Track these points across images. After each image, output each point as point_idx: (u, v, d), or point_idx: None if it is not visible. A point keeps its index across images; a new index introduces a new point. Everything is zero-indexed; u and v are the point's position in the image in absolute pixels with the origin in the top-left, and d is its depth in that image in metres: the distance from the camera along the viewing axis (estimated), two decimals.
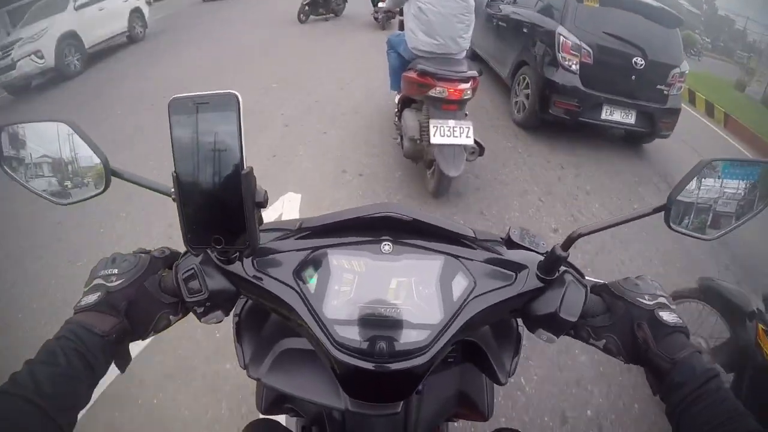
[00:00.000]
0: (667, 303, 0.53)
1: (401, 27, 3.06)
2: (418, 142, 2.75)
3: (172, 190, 0.44)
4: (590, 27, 3.93)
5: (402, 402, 0.57)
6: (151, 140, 3.95)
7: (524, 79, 4.34)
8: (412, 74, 2.69)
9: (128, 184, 0.54)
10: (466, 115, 2.71)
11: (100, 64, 7.07)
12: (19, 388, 0.39)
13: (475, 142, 2.68)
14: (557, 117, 4.01)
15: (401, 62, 3.01)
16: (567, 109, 3.95)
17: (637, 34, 3.95)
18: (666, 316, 0.51)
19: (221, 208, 0.44)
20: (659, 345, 0.50)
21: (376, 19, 8.30)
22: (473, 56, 6.23)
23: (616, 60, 3.94)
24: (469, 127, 2.60)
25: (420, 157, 2.90)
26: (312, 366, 0.60)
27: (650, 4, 4.12)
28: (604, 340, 0.54)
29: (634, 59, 3.89)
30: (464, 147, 2.64)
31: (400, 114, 3.09)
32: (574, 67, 3.89)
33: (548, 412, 1.82)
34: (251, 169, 0.43)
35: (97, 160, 0.52)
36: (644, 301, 0.53)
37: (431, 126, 2.57)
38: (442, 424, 0.77)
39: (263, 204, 0.47)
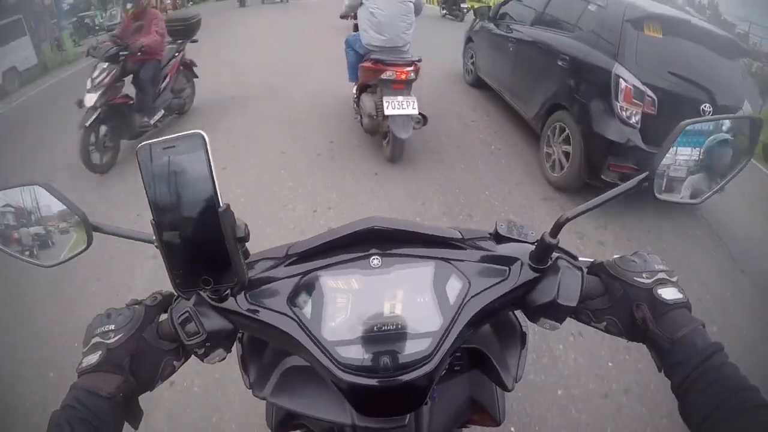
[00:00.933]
0: (666, 278, 0.52)
1: (356, 29, 3.87)
2: (374, 117, 3.49)
3: (154, 237, 0.44)
4: (653, 66, 2.99)
5: (410, 414, 0.56)
6: None
7: (561, 129, 3.38)
8: (368, 63, 3.37)
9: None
10: (410, 93, 3.33)
11: None
12: None
13: (420, 114, 3.37)
14: (610, 183, 3.05)
15: (357, 57, 3.69)
16: (623, 173, 3.00)
17: (703, 73, 3.02)
18: (665, 293, 0.50)
19: (204, 248, 0.44)
20: (659, 324, 0.48)
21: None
22: (481, 84, 5.31)
23: (683, 108, 2.94)
24: (414, 101, 3.27)
25: (377, 130, 3.65)
26: (317, 382, 0.57)
27: (715, 33, 3.21)
28: (605, 323, 0.53)
29: (703, 106, 2.93)
30: (411, 117, 3.32)
31: (358, 99, 3.80)
32: (634, 119, 2.93)
33: None
34: (228, 206, 0.44)
35: (77, 218, 0.52)
36: (642, 280, 0.51)
37: (384, 102, 3.23)
38: (454, 431, 0.76)
39: (245, 238, 0.47)
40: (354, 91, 3.92)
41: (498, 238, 0.59)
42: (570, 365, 2.02)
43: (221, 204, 0.43)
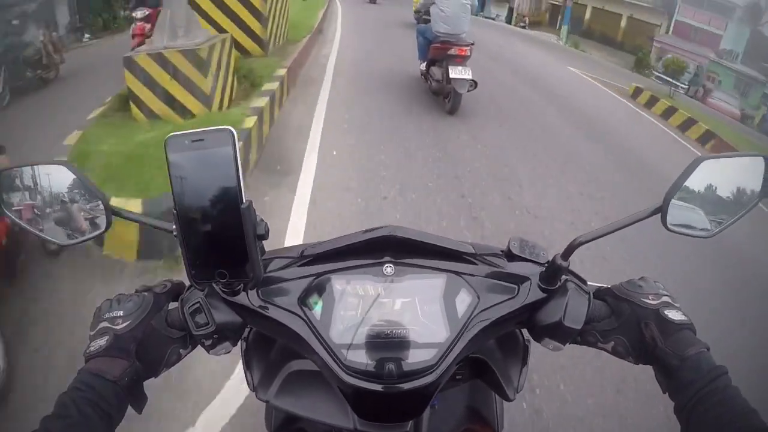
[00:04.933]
0: (671, 302, 0.53)
1: (423, 21, 5.33)
2: (440, 81, 4.87)
3: (174, 227, 0.46)
4: None
5: (410, 421, 0.59)
6: None
7: None
8: (438, 44, 4.80)
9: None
10: (466, 65, 4.70)
11: None
12: None
13: (473, 79, 4.70)
14: None
15: (426, 42, 5.12)
16: None
17: None
18: (672, 314, 0.51)
19: (223, 242, 0.45)
20: (667, 343, 0.49)
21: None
22: None
23: None
24: (469, 70, 4.62)
25: (441, 92, 5.05)
26: (320, 386, 0.59)
27: None
28: (612, 342, 0.54)
29: None
30: (467, 80, 4.65)
31: (427, 71, 5.29)
32: None
33: None
34: (250, 202, 0.45)
35: (97, 201, 0.53)
36: (649, 301, 0.53)
37: (450, 70, 4.60)
38: None
39: (265, 236, 0.48)
40: (422, 66, 5.43)
41: (510, 255, 0.60)
42: None
43: (244, 200, 0.44)
